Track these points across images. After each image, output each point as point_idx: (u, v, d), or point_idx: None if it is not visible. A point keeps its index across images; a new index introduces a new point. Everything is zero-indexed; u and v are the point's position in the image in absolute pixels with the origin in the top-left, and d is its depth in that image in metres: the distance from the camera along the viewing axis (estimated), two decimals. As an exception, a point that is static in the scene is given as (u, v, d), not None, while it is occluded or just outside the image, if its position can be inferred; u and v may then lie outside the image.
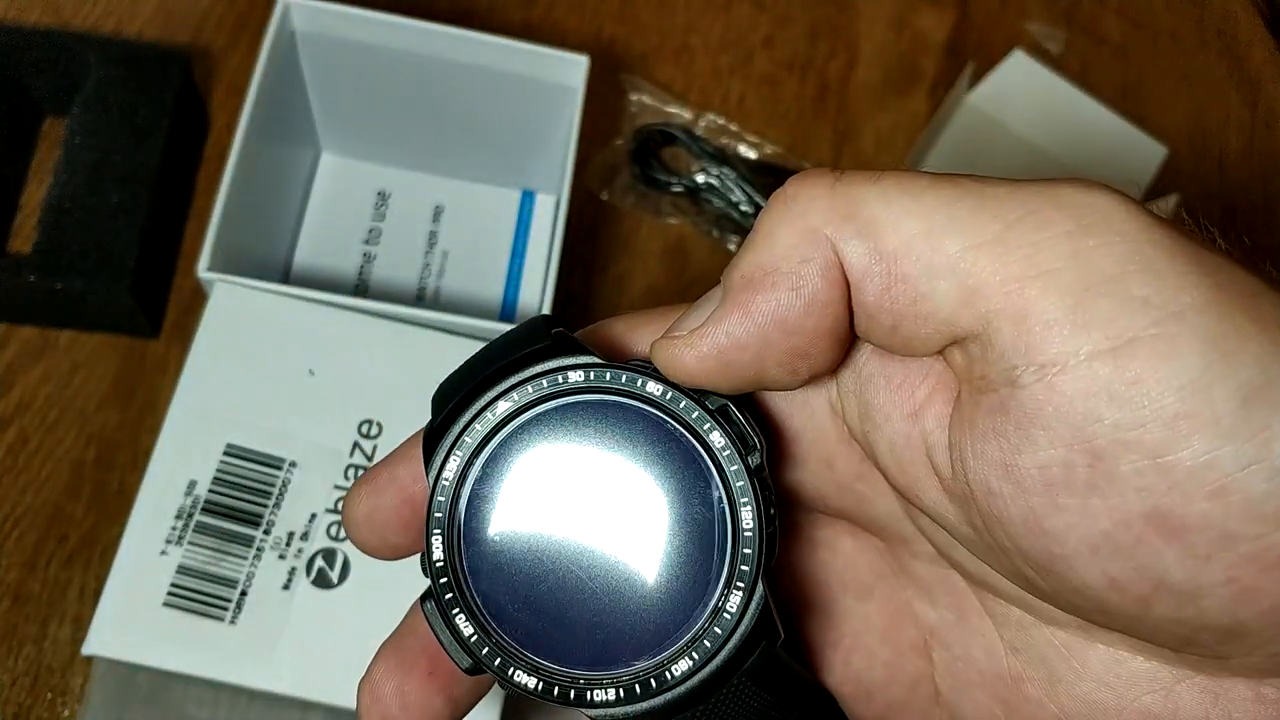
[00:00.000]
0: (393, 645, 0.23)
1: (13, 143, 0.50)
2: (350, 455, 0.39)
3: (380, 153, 0.53)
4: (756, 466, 0.21)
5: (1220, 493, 0.17)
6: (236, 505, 0.37)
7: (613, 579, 0.21)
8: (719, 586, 0.21)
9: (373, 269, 0.51)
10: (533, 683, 0.21)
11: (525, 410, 0.21)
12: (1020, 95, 0.53)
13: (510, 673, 0.21)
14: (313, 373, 0.40)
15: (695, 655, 0.21)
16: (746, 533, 0.21)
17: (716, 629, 0.21)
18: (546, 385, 0.21)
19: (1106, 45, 0.63)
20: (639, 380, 0.21)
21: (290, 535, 0.37)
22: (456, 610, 0.21)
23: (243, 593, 0.36)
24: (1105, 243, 0.17)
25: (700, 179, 0.55)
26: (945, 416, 0.20)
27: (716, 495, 0.21)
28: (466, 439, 0.21)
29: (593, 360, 0.22)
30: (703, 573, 0.21)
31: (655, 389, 0.21)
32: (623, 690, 0.21)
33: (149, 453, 0.38)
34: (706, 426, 0.21)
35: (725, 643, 0.21)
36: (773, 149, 0.57)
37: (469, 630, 0.21)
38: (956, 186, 0.19)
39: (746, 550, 0.21)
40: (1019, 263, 0.18)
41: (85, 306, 0.46)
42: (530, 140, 0.50)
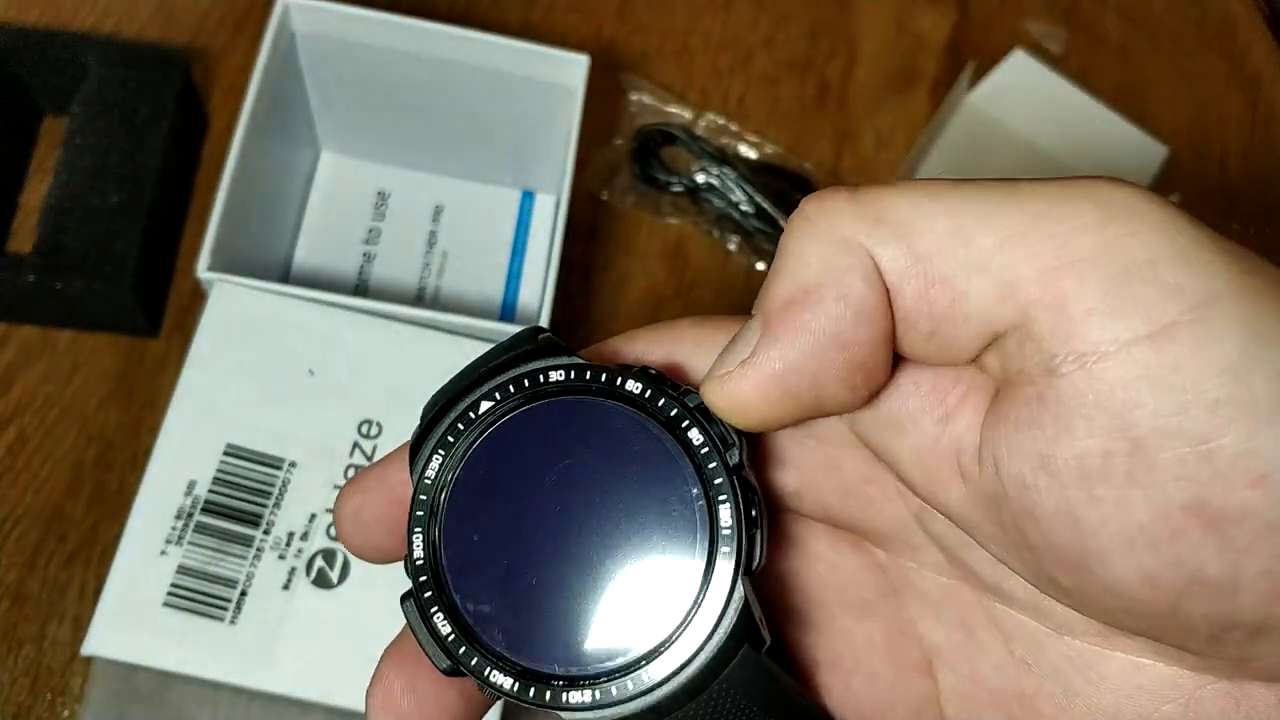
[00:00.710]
0: (399, 644, 0.23)
1: (13, 143, 0.50)
2: (350, 455, 0.39)
3: (380, 153, 0.53)
4: (735, 464, 0.21)
5: (1262, 481, 0.17)
6: (236, 505, 0.37)
7: (590, 579, 0.21)
8: (697, 587, 0.20)
9: (373, 269, 0.51)
10: (509, 684, 0.21)
11: (507, 411, 0.21)
12: (1020, 95, 0.53)
13: (487, 673, 0.21)
14: (313, 373, 0.40)
15: (673, 657, 0.20)
16: (725, 531, 0.20)
17: (694, 630, 0.20)
18: (529, 385, 0.21)
19: (1106, 45, 0.63)
20: (618, 378, 0.21)
21: (290, 535, 0.37)
22: (435, 610, 0.21)
23: (243, 593, 0.36)
24: (1133, 231, 0.17)
25: (700, 179, 0.55)
26: (977, 420, 0.20)
27: (695, 493, 0.21)
28: (449, 438, 0.22)
29: (574, 361, 0.22)
30: (681, 572, 0.21)
31: (634, 387, 0.21)
32: (599, 692, 0.20)
33: (149, 453, 0.38)
34: (685, 424, 0.21)
35: (704, 645, 0.20)
36: (773, 149, 0.57)
37: (447, 630, 0.21)
38: (979, 186, 0.19)
39: (725, 549, 0.20)
40: (1052, 253, 0.18)
41: (85, 306, 0.46)
42: (530, 140, 0.50)
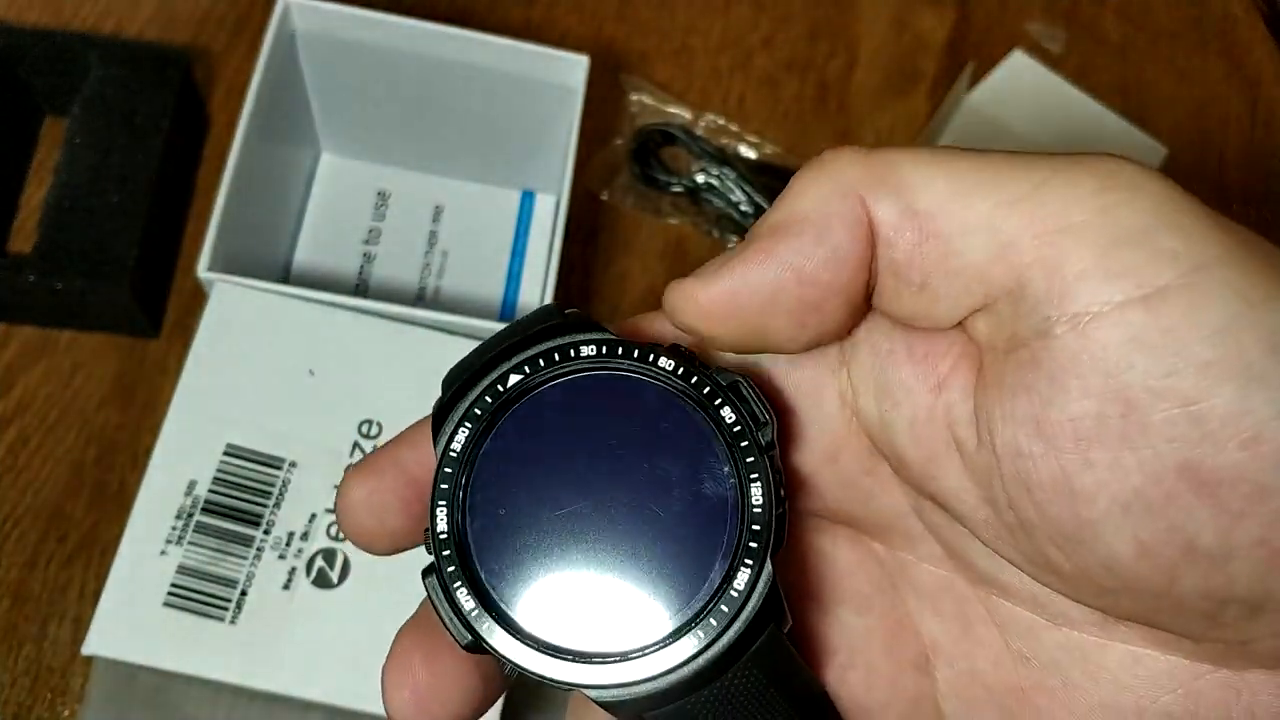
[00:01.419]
0: (417, 621, 0.22)
1: (13, 143, 0.50)
2: (350, 455, 0.39)
3: (380, 153, 0.53)
4: (768, 444, 0.21)
5: (1253, 441, 0.17)
6: (236, 505, 0.37)
7: (618, 556, 0.21)
8: (726, 564, 0.20)
9: (373, 269, 0.51)
10: (532, 661, 0.20)
11: (536, 384, 0.21)
12: (1020, 95, 0.53)
13: (509, 650, 0.20)
14: (313, 373, 0.40)
15: (701, 634, 0.20)
16: (756, 509, 0.20)
17: (723, 607, 0.20)
18: (558, 359, 0.21)
19: (1106, 45, 0.63)
20: (650, 355, 0.21)
21: (290, 535, 0.37)
22: (458, 584, 0.21)
23: (243, 593, 0.36)
24: (1130, 200, 0.18)
25: (700, 179, 0.55)
26: (970, 387, 0.20)
27: (726, 471, 0.21)
28: (476, 411, 0.21)
29: (605, 336, 0.21)
30: (710, 550, 0.20)
31: (667, 364, 0.21)
32: (623, 670, 0.20)
33: (149, 453, 0.38)
34: (718, 402, 0.21)
35: (732, 621, 0.20)
36: (773, 149, 0.57)
37: (470, 605, 0.20)
38: (983, 154, 0.19)
39: (755, 527, 0.20)
40: (1049, 218, 0.18)
41: (85, 306, 0.46)
42: (530, 140, 0.50)
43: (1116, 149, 0.19)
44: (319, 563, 0.37)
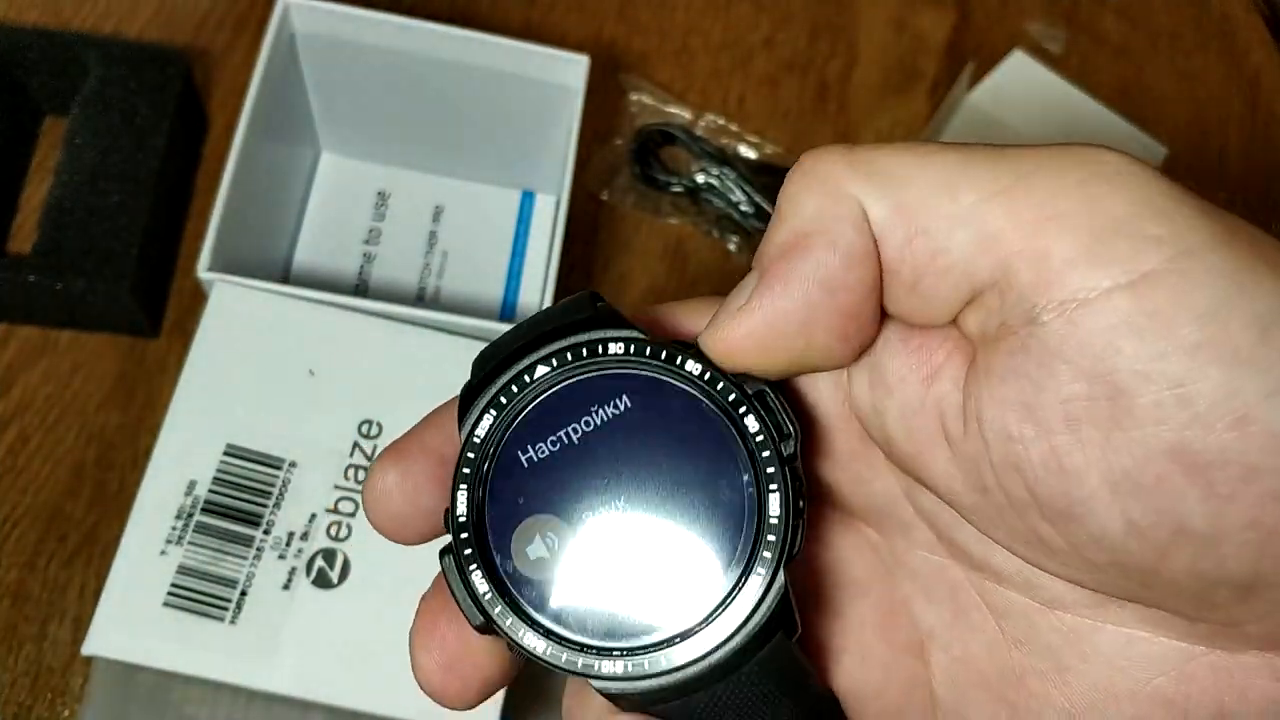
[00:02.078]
0: (436, 592, 0.22)
1: (13, 143, 0.50)
2: (350, 455, 0.39)
3: (380, 153, 0.53)
4: (789, 455, 0.21)
5: (1241, 423, 0.17)
6: (236, 505, 0.37)
7: (633, 552, 0.21)
8: (739, 571, 0.21)
9: (373, 269, 0.51)
10: (541, 647, 0.21)
11: (563, 377, 0.22)
12: (1020, 95, 0.53)
13: (520, 635, 0.21)
14: (313, 373, 0.40)
15: (708, 636, 0.21)
16: (773, 520, 0.21)
17: (733, 613, 0.21)
18: (586, 355, 0.21)
19: (1106, 45, 0.63)
20: (678, 358, 0.21)
21: (290, 535, 0.37)
22: (474, 566, 0.21)
23: (243, 593, 0.36)
24: (1116, 189, 0.18)
25: (700, 179, 0.55)
26: (961, 379, 0.20)
27: (746, 480, 0.21)
28: (502, 399, 0.22)
29: (634, 334, 0.22)
30: (725, 556, 0.21)
31: (694, 368, 0.21)
32: (631, 664, 0.21)
33: (149, 453, 0.38)
34: (742, 410, 0.21)
35: (740, 629, 0.20)
36: (773, 149, 0.57)
37: (484, 588, 0.21)
38: (968, 148, 0.19)
39: (770, 537, 0.21)
40: (1034, 208, 0.18)
41: (85, 306, 0.46)
42: (530, 140, 0.50)
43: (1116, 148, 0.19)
44: (319, 563, 0.37)
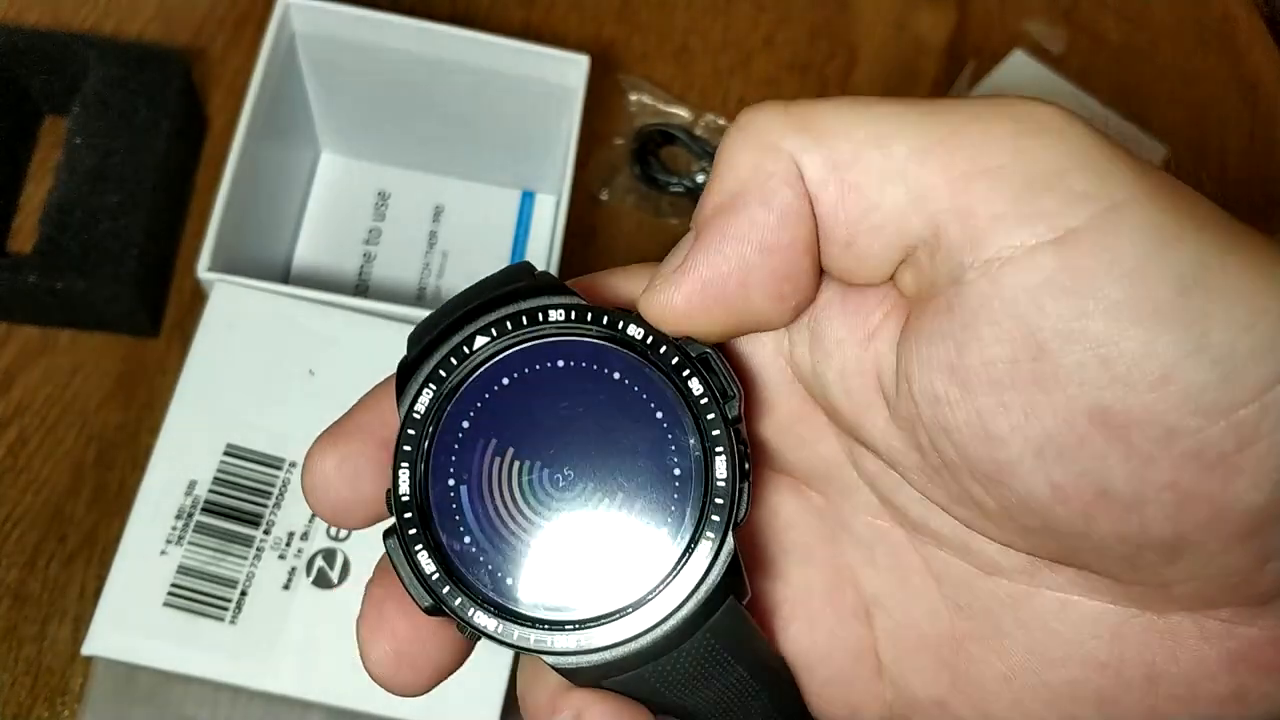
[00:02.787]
0: (381, 576, 0.22)
1: (13, 143, 0.50)
2: (350, 455, 0.39)
3: (380, 153, 0.53)
4: (734, 417, 0.21)
5: (1161, 383, 0.17)
6: (236, 505, 0.37)
7: (581, 524, 0.21)
8: (688, 536, 0.20)
9: (373, 269, 0.51)
10: (493, 625, 0.20)
11: (503, 348, 0.21)
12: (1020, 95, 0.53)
13: (470, 614, 0.20)
14: (313, 373, 0.40)
15: (659, 605, 0.20)
16: (719, 483, 0.20)
17: (683, 579, 0.20)
18: (526, 323, 0.21)
19: (1106, 45, 0.63)
20: (620, 322, 0.21)
21: (290, 535, 0.37)
22: (419, 547, 0.20)
23: (243, 593, 0.36)
24: (1046, 143, 0.18)
25: (700, 179, 0.55)
26: (897, 338, 0.20)
27: (692, 444, 0.21)
28: (441, 373, 0.21)
29: (575, 301, 0.21)
30: (673, 521, 0.20)
31: (636, 333, 0.21)
32: (583, 638, 0.20)
33: (149, 453, 0.38)
34: (685, 373, 0.21)
35: (692, 594, 0.20)
36: (773, 149, 0.57)
37: (430, 568, 0.20)
38: (904, 101, 0.19)
39: (719, 500, 0.20)
40: (963, 163, 0.18)
41: (85, 306, 0.46)
42: (530, 140, 0.50)
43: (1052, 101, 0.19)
44: (319, 563, 0.37)
